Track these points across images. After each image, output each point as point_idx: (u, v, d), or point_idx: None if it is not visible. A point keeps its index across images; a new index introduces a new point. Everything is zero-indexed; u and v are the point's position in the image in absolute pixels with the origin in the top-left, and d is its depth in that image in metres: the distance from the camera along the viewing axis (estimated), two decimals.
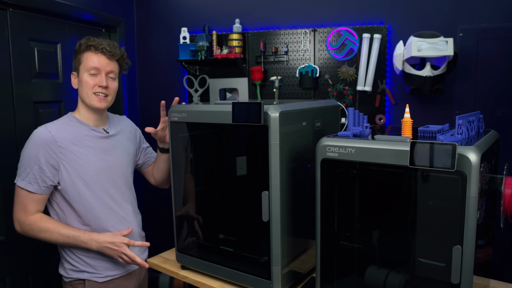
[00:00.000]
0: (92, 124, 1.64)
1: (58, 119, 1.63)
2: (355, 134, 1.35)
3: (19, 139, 2.14)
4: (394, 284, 1.28)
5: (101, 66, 1.57)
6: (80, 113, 1.63)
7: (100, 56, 1.57)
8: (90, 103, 1.58)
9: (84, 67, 1.57)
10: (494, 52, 2.33)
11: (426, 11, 2.44)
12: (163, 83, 3.21)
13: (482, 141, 1.22)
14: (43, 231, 1.52)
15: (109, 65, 1.59)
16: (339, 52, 2.64)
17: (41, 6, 2.26)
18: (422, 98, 2.50)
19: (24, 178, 1.52)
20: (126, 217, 1.69)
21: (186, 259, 1.70)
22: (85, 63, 1.56)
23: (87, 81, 1.56)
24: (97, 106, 1.59)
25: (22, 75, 2.18)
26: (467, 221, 1.08)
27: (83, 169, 1.56)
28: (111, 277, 1.63)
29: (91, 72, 1.56)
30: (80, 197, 1.57)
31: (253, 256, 1.53)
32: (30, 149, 1.52)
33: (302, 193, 1.54)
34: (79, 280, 1.61)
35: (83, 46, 1.57)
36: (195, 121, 1.58)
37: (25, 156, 1.53)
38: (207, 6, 2.99)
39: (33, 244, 2.21)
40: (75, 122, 1.61)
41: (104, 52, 1.56)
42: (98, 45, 1.56)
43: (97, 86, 1.57)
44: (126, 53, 1.66)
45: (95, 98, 1.57)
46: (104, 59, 1.57)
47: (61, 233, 1.52)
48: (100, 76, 1.57)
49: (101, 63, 1.57)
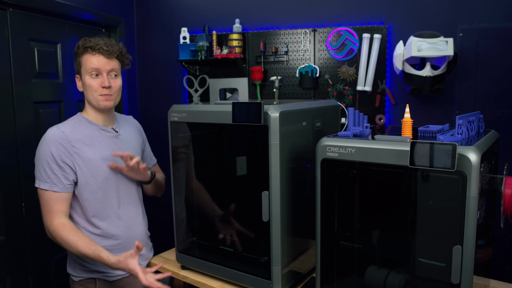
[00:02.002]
0: (102, 124, 1.63)
1: (68, 120, 1.62)
2: (355, 134, 1.35)
3: (19, 139, 2.14)
4: (394, 284, 1.28)
5: (101, 66, 1.55)
6: (88, 113, 1.63)
7: (99, 57, 1.55)
8: (98, 104, 1.58)
9: (85, 70, 1.56)
10: (494, 52, 2.32)
11: (426, 11, 2.44)
12: (163, 83, 3.21)
13: (482, 141, 1.22)
14: (64, 242, 1.48)
15: (109, 64, 1.57)
16: (339, 52, 2.64)
17: (41, 6, 2.26)
18: (422, 98, 2.50)
19: (47, 180, 1.50)
20: (136, 217, 1.69)
21: (186, 259, 1.70)
22: (85, 66, 1.56)
23: (90, 84, 1.56)
24: (104, 106, 1.58)
25: (22, 75, 2.17)
26: (467, 221, 1.08)
27: (96, 168, 1.56)
28: (121, 276, 1.64)
29: (92, 74, 1.55)
30: (93, 197, 1.57)
31: (253, 256, 1.53)
32: (45, 149, 1.51)
33: (302, 193, 1.54)
34: (90, 279, 1.61)
35: (80, 48, 1.56)
36: (195, 121, 1.58)
37: (42, 157, 1.51)
38: (207, 6, 2.99)
39: (33, 244, 2.21)
40: (85, 123, 1.61)
41: (102, 51, 1.55)
42: (95, 46, 1.54)
43: (100, 88, 1.56)
44: (125, 48, 1.63)
45: (101, 98, 1.57)
46: (103, 59, 1.55)
47: (79, 250, 1.47)
48: (102, 77, 1.56)
49: (100, 63, 1.55)
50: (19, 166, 2.13)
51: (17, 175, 2.13)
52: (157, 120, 3.18)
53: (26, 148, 2.16)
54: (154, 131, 3.19)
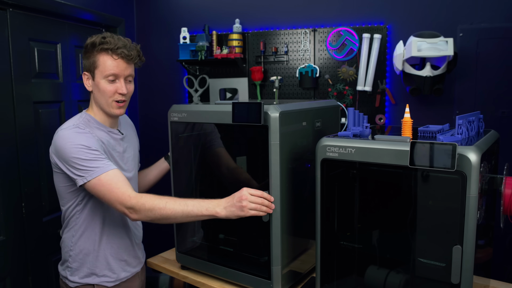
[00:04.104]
0: (109, 126, 1.56)
1: (77, 118, 1.52)
2: (355, 134, 1.35)
3: (19, 139, 2.14)
4: (394, 284, 1.28)
5: (120, 72, 1.46)
6: (96, 114, 1.54)
7: (119, 61, 1.45)
8: (110, 111, 1.50)
9: (101, 73, 1.46)
10: (494, 52, 2.32)
11: (426, 11, 2.44)
12: (163, 83, 3.21)
13: (482, 141, 1.22)
14: (156, 208, 1.34)
15: (127, 69, 1.49)
16: (339, 52, 2.64)
17: (41, 6, 2.26)
18: (422, 98, 2.50)
19: (94, 167, 1.37)
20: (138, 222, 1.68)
21: (186, 259, 1.70)
22: (103, 68, 1.45)
23: (106, 89, 1.47)
24: (116, 114, 1.52)
25: (22, 75, 2.17)
26: (467, 221, 1.08)
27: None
28: (119, 281, 1.59)
29: (110, 79, 1.46)
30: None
31: (253, 256, 1.53)
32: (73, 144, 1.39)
33: (302, 193, 1.54)
34: (88, 285, 1.55)
35: (98, 47, 1.45)
36: (195, 121, 1.58)
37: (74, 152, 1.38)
38: (207, 6, 2.99)
39: (33, 244, 2.21)
40: (94, 123, 1.52)
41: (123, 56, 1.45)
42: (116, 48, 1.44)
43: (117, 94, 1.48)
44: (140, 51, 1.54)
45: (115, 105, 1.49)
46: (123, 64, 1.46)
47: (177, 201, 1.34)
48: (119, 82, 1.48)
49: (120, 68, 1.46)
50: (19, 166, 2.13)
51: (17, 175, 2.13)
52: (157, 120, 3.18)
53: (26, 148, 2.16)
54: (154, 131, 3.19)
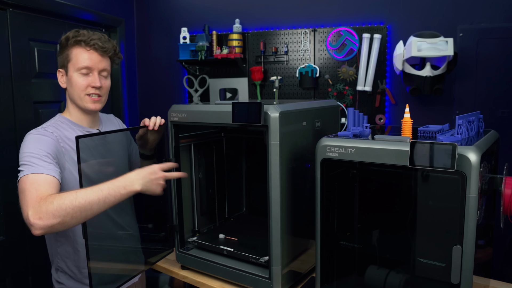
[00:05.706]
0: (86, 125, 1.49)
1: (49, 121, 1.46)
2: (355, 134, 1.35)
3: (19, 139, 2.13)
4: (394, 284, 1.28)
5: (93, 65, 1.41)
6: (71, 114, 1.47)
7: (92, 53, 1.40)
8: (84, 105, 1.43)
9: (73, 66, 1.40)
10: (494, 52, 2.32)
11: (426, 11, 2.44)
12: (163, 83, 3.21)
13: (482, 141, 1.22)
14: (67, 196, 1.17)
15: (102, 63, 1.43)
16: (339, 52, 2.64)
17: (41, 6, 2.26)
18: (422, 98, 2.50)
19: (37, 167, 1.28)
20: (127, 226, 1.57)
21: (186, 259, 1.70)
22: (75, 61, 1.40)
23: (78, 82, 1.40)
24: (91, 108, 1.44)
25: (22, 75, 2.17)
26: (467, 221, 1.08)
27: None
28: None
29: (83, 72, 1.40)
30: None
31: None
32: (33, 143, 1.32)
33: (302, 193, 1.54)
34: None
35: (71, 40, 1.40)
36: (195, 121, 1.58)
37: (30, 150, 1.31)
38: (207, 6, 2.99)
39: (33, 244, 2.21)
40: (69, 124, 1.45)
41: (97, 48, 1.40)
42: (89, 40, 1.39)
43: (90, 87, 1.41)
44: (118, 47, 1.50)
45: (88, 99, 1.42)
46: (97, 56, 1.41)
47: (88, 189, 1.19)
48: (92, 76, 1.41)
49: (93, 61, 1.40)
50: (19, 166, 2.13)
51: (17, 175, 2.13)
52: None
53: None
54: None
